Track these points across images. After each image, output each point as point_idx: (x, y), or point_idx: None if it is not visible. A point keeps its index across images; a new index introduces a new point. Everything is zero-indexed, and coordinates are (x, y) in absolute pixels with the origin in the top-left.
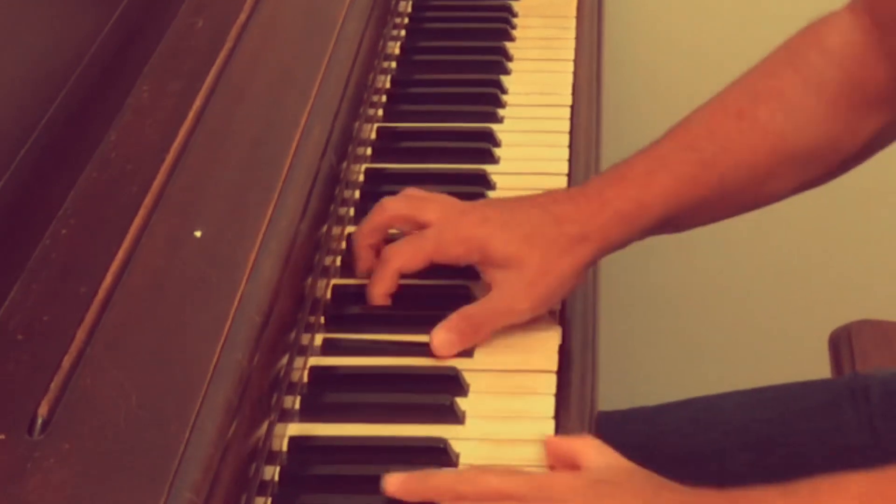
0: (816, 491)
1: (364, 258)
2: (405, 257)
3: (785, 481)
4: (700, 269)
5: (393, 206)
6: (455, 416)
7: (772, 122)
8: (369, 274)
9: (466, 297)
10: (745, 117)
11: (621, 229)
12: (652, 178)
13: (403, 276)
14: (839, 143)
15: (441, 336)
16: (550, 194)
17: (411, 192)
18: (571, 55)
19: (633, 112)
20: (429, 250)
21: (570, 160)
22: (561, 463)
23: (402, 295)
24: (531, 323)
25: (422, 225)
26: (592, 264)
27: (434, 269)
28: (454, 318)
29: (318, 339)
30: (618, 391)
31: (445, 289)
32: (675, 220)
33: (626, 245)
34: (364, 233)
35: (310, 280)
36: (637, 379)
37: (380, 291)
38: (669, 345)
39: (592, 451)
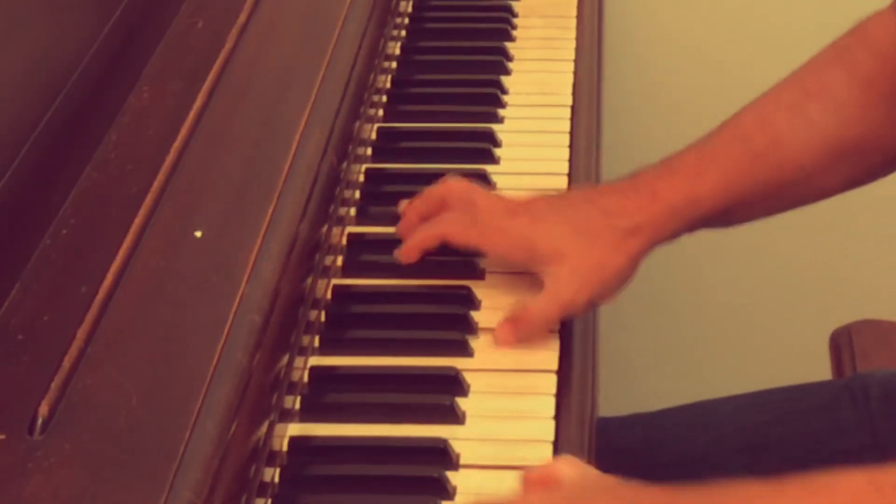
0: (808, 488)
1: (408, 219)
2: (453, 225)
3: None
4: (700, 271)
5: (454, 183)
6: (455, 416)
7: (821, 118)
8: (406, 235)
9: (466, 297)
10: (796, 112)
11: (672, 222)
12: (703, 171)
13: (404, 277)
14: (886, 140)
15: (505, 330)
16: (597, 188)
17: (467, 181)
18: (572, 55)
19: (633, 112)
20: (475, 232)
21: (570, 160)
22: (531, 481)
23: (401, 295)
24: None
25: (474, 208)
26: (644, 256)
27: (433, 270)
28: (517, 313)
29: (318, 339)
30: (617, 396)
31: (445, 289)
32: (725, 214)
33: (676, 237)
34: (421, 198)
35: (310, 280)
36: (637, 383)
37: (417, 243)
38: (669, 346)
39: (565, 467)
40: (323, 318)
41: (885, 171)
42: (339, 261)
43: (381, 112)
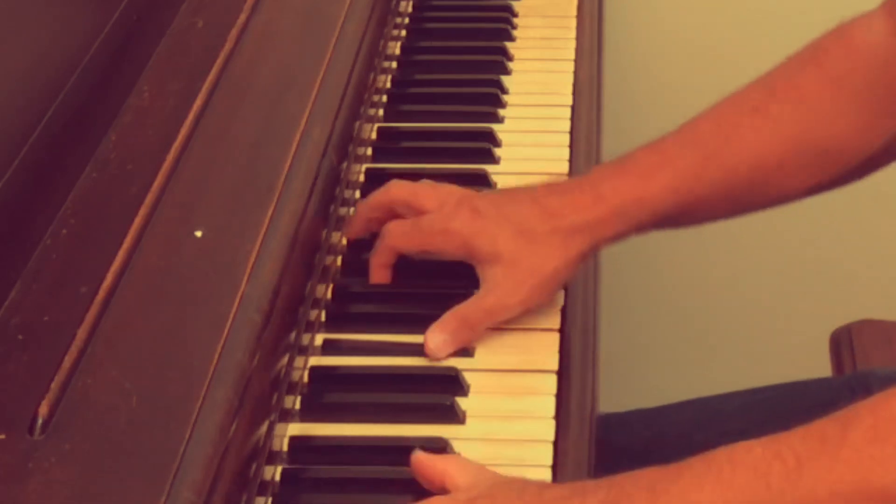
0: (709, 464)
1: (356, 227)
2: (397, 237)
3: None
4: (700, 270)
5: (395, 190)
6: (455, 416)
7: (784, 116)
8: (356, 238)
9: (466, 298)
10: (757, 113)
11: (617, 224)
12: (652, 173)
13: (404, 277)
14: (856, 143)
15: (435, 337)
16: (547, 186)
17: (423, 181)
18: (572, 55)
19: (633, 112)
20: (418, 237)
21: (570, 160)
22: (428, 484)
23: (401, 295)
24: (531, 323)
25: (420, 212)
26: (586, 257)
27: (433, 270)
28: (446, 318)
29: (319, 339)
30: (618, 393)
31: (445, 289)
32: (675, 217)
33: (622, 239)
34: (366, 206)
35: (310, 280)
36: (637, 380)
37: (376, 262)
38: (669, 346)
39: (456, 471)
40: (323, 318)
41: (850, 178)
42: (339, 261)
43: (381, 112)
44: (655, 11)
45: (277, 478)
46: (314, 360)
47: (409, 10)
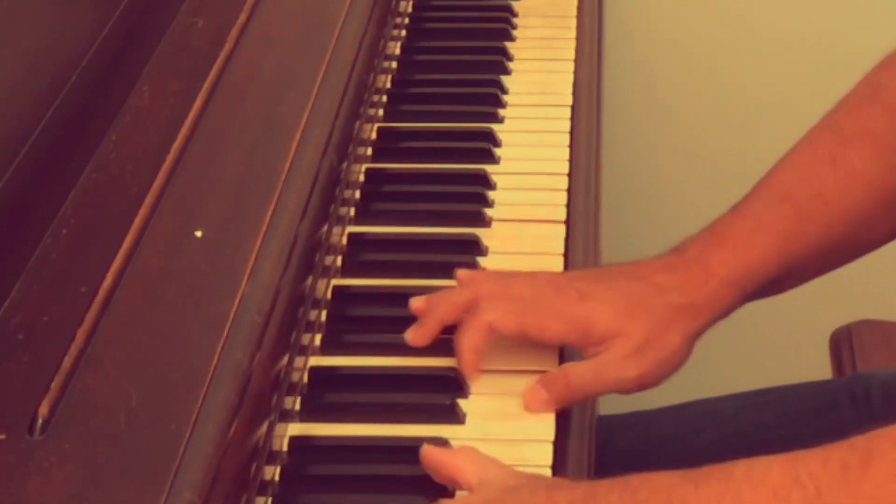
0: (728, 480)
1: (430, 331)
2: (500, 313)
3: None
4: None
5: (483, 279)
6: (455, 416)
7: (863, 164)
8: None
9: None
10: (837, 163)
11: (729, 297)
12: (753, 239)
13: (404, 277)
14: None
15: (536, 392)
16: (647, 264)
17: (494, 271)
18: (572, 55)
19: (634, 112)
20: (526, 318)
21: (570, 160)
22: (437, 476)
23: (402, 295)
24: None
25: (516, 297)
26: (700, 336)
27: (433, 271)
28: (553, 378)
29: (319, 339)
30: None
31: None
32: (781, 279)
33: (730, 313)
34: (443, 304)
35: (310, 280)
36: None
37: (468, 345)
38: None
39: (466, 464)
40: (323, 318)
41: None
42: (339, 261)
43: (381, 112)
44: (655, 11)
45: (277, 478)
46: (314, 360)
47: (409, 10)
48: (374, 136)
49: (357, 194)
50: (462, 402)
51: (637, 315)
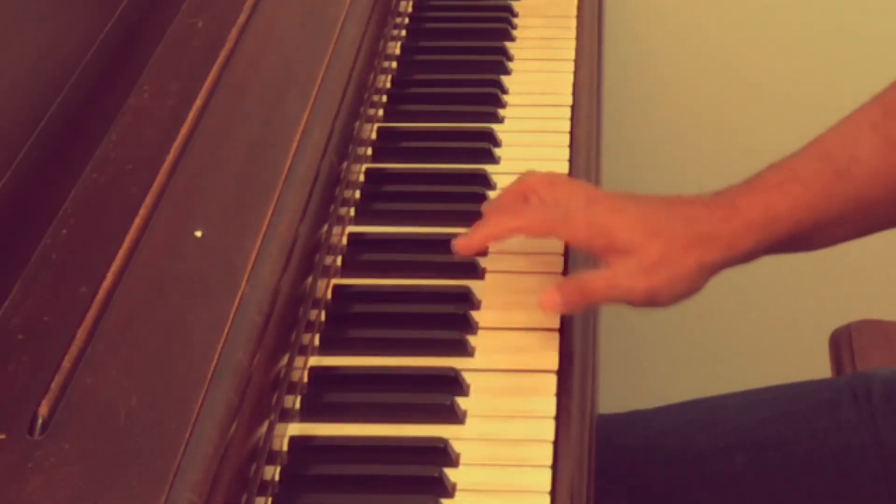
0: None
1: (487, 232)
2: (532, 220)
3: (785, 482)
4: None
5: (532, 179)
6: (455, 416)
7: None
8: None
9: (466, 297)
10: (878, 130)
11: (750, 239)
12: (784, 189)
13: (403, 276)
14: None
15: (550, 294)
16: (681, 197)
17: (556, 173)
18: (572, 55)
19: (634, 112)
20: (557, 224)
21: (570, 160)
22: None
23: (401, 295)
24: (531, 323)
25: (554, 201)
26: (716, 271)
27: (433, 270)
28: (566, 283)
29: (318, 338)
30: (617, 393)
31: (445, 288)
32: (807, 235)
33: (752, 259)
34: (500, 198)
35: (310, 280)
36: (637, 381)
37: (489, 232)
38: (669, 346)
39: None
40: (323, 318)
41: None
42: (339, 261)
43: (381, 112)
44: (655, 11)
45: (277, 478)
46: (314, 360)
47: (409, 10)
48: (373, 136)
49: (357, 194)
50: (462, 402)
51: (659, 234)
